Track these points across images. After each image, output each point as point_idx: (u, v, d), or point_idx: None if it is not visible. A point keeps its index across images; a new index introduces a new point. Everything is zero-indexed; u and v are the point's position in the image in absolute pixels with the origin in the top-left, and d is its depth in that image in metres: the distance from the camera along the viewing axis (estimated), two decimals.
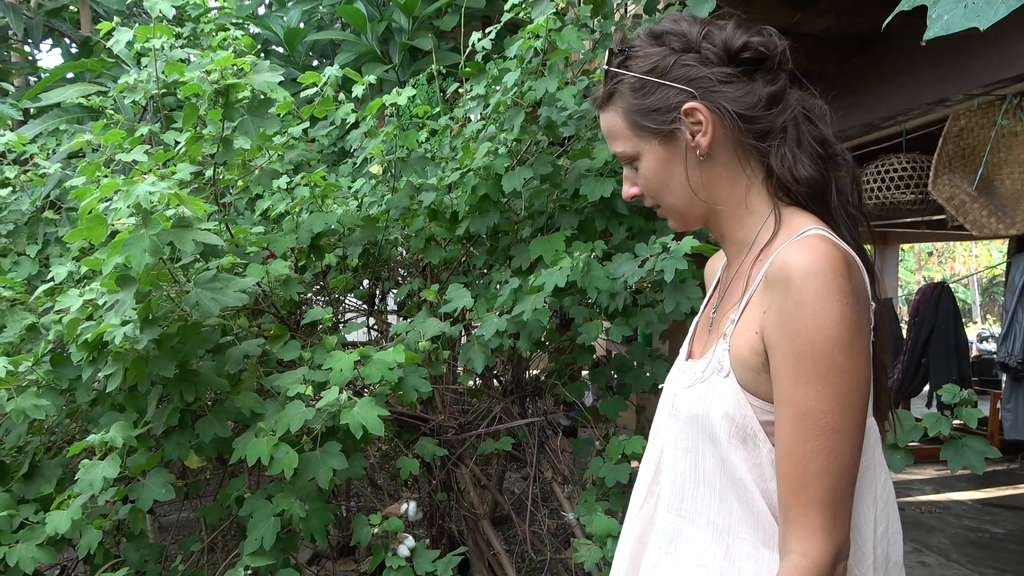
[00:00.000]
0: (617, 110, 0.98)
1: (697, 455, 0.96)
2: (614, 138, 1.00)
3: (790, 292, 0.84)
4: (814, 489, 0.83)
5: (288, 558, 1.90)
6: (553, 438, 2.66)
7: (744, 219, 0.98)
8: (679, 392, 1.00)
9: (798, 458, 0.84)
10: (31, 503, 1.91)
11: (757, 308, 0.90)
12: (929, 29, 0.95)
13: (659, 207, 1.03)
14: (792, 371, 0.84)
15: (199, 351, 1.87)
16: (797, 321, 0.83)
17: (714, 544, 0.93)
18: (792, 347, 0.84)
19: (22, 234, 2.88)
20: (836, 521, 0.84)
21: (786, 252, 0.87)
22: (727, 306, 1.00)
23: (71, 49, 6.38)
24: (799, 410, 0.84)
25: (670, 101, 0.94)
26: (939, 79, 2.48)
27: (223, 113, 1.99)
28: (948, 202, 2.79)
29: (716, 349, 0.95)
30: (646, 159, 0.98)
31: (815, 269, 0.83)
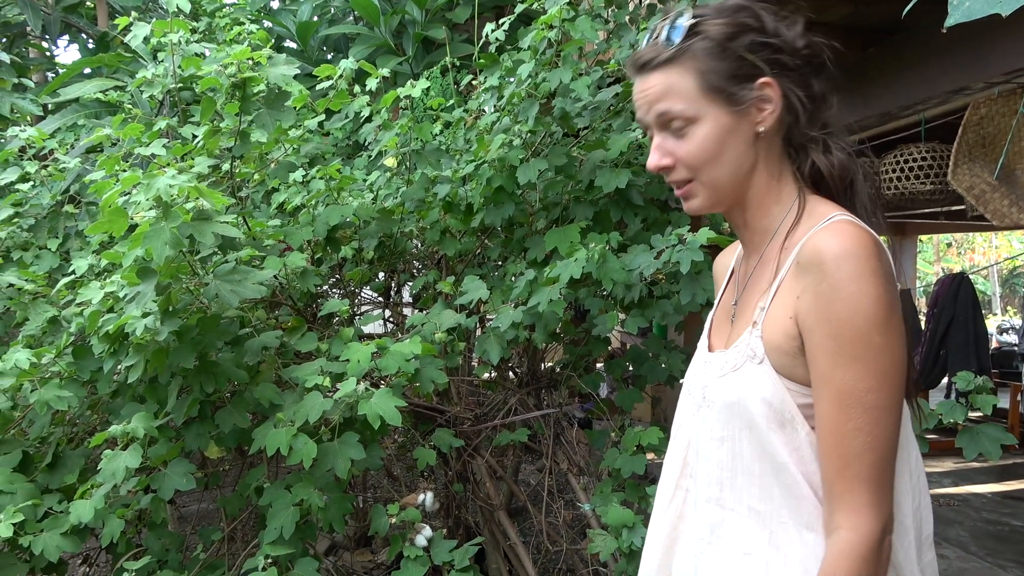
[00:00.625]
0: (687, 69, 0.94)
1: (734, 443, 0.96)
2: (672, 96, 0.95)
3: (825, 275, 0.86)
4: (858, 466, 0.85)
5: (307, 547, 1.92)
6: (569, 429, 2.66)
7: (771, 207, 1.00)
8: (711, 383, 1.00)
9: (841, 436, 0.86)
10: (55, 493, 1.94)
11: (789, 294, 0.92)
12: (950, 16, 0.94)
13: (688, 183, 0.98)
14: (831, 352, 0.86)
15: (218, 343, 1.89)
16: (833, 303, 0.86)
17: (757, 531, 0.94)
18: (830, 329, 0.86)
19: (43, 228, 2.91)
20: (881, 496, 0.86)
21: (817, 237, 0.89)
22: (752, 295, 1.00)
23: (88, 45, 6.43)
24: (840, 390, 0.86)
25: (746, 72, 0.95)
26: (959, 67, 2.45)
27: (240, 106, 2.01)
28: (968, 192, 2.76)
29: (747, 337, 0.96)
30: (706, 125, 0.95)
31: (849, 252, 0.85)
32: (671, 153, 0.97)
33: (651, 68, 0.96)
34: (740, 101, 0.95)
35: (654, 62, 0.96)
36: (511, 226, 2.50)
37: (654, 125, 0.98)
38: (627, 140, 2.17)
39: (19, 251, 2.86)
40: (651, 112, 0.97)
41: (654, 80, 0.96)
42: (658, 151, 0.98)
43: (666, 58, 0.95)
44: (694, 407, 1.05)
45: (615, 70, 2.40)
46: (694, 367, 1.10)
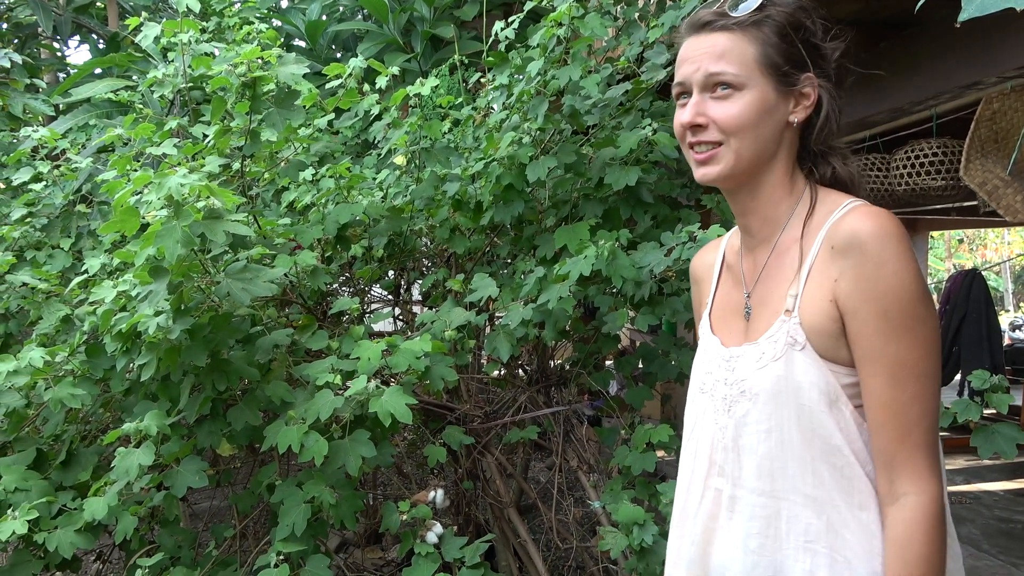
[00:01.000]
0: (752, 38, 0.97)
1: (783, 432, 0.97)
2: (729, 59, 0.96)
3: (867, 256, 0.91)
4: (917, 433, 0.90)
5: (318, 544, 1.92)
6: (578, 427, 2.66)
7: (783, 199, 1.03)
8: (749, 376, 1.00)
9: (898, 407, 0.90)
10: (69, 490, 1.96)
11: (824, 278, 0.95)
12: (964, 10, 0.93)
13: (716, 146, 0.99)
14: (882, 328, 0.90)
15: (230, 341, 1.90)
16: (879, 282, 0.90)
17: (815, 518, 0.95)
18: (879, 306, 0.90)
19: (56, 228, 2.94)
20: (937, 460, 0.91)
21: (850, 220, 0.93)
22: (774, 285, 1.02)
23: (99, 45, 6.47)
24: (893, 362, 0.90)
25: (798, 61, 0.99)
26: (971, 62, 2.43)
27: (250, 106, 2.01)
28: (980, 187, 2.74)
29: (782, 325, 0.97)
30: (751, 94, 0.96)
31: (886, 232, 0.90)
32: (705, 114, 0.98)
33: (715, 28, 0.98)
34: (789, 83, 0.98)
35: (718, 23, 0.98)
36: (520, 224, 2.50)
37: (698, 84, 0.98)
38: (637, 137, 2.17)
39: (32, 251, 2.88)
40: (701, 69, 0.97)
41: (716, 40, 0.97)
42: (695, 108, 0.98)
43: (735, 22, 0.97)
44: (720, 404, 1.04)
45: (625, 67, 2.40)
46: (707, 366, 1.09)
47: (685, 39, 1.01)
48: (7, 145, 3.77)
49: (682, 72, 1.00)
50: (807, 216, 1.00)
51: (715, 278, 1.17)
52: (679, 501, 1.12)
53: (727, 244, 1.19)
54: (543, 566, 2.44)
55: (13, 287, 2.55)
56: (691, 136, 1.00)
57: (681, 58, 1.01)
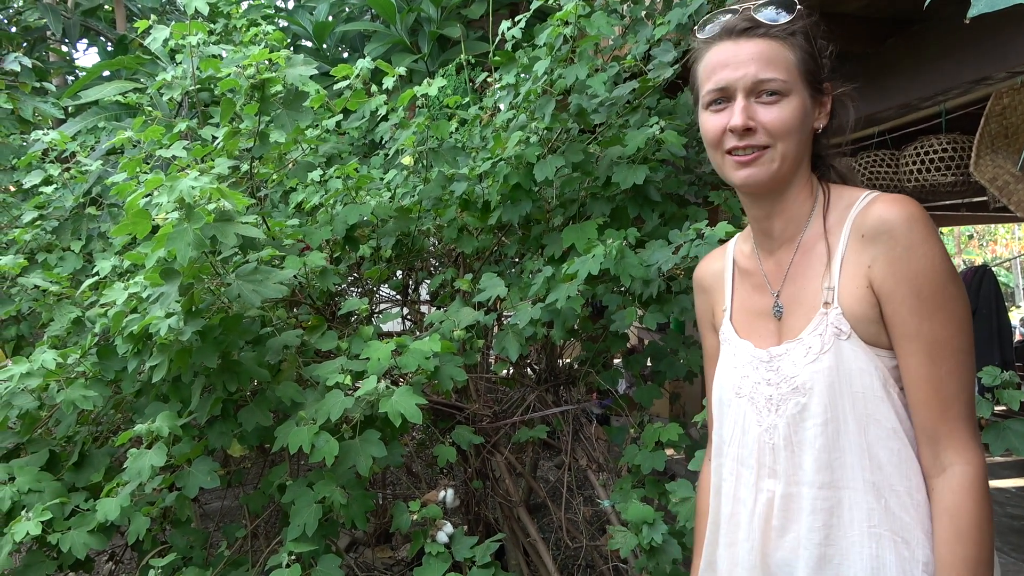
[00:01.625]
0: (793, 47, 1.00)
1: (839, 423, 0.99)
2: (776, 65, 0.99)
3: (897, 240, 0.94)
4: (957, 407, 0.94)
5: (330, 544, 1.93)
6: (587, 426, 2.66)
7: (807, 197, 1.06)
8: (800, 372, 1.01)
9: (938, 382, 0.94)
10: (81, 491, 1.97)
11: (858, 267, 0.98)
12: (973, 6, 0.93)
13: (763, 149, 1.01)
14: (916, 307, 0.94)
15: (240, 342, 1.90)
16: (911, 263, 0.94)
17: (876, 502, 0.97)
18: (912, 287, 0.94)
19: (66, 230, 2.95)
20: (977, 430, 0.95)
21: (876, 209, 0.97)
22: (804, 282, 1.05)
23: (107, 48, 6.50)
24: (930, 340, 0.94)
25: (823, 70, 1.03)
26: (980, 57, 2.42)
27: (259, 107, 2.02)
28: (991, 183, 2.73)
29: (823, 319, 1.00)
30: (795, 100, 1.00)
31: (913, 217, 0.94)
32: (754, 118, 1.00)
33: (755, 35, 1.00)
34: (820, 92, 1.03)
35: (759, 30, 1.00)
36: (528, 223, 2.50)
37: (744, 88, 0.99)
38: (644, 136, 2.17)
39: (44, 253, 2.90)
40: (749, 75, 0.99)
41: (760, 47, 0.99)
42: (744, 112, 0.99)
43: (776, 31, 1.00)
44: (764, 405, 1.06)
45: (631, 65, 2.40)
46: (741, 370, 1.11)
47: (716, 44, 1.03)
48: (18, 148, 3.80)
49: (722, 76, 1.01)
50: (827, 211, 1.03)
51: (728, 284, 1.19)
52: (725, 508, 1.13)
53: (735, 250, 1.21)
54: (553, 565, 2.44)
55: (25, 289, 2.57)
56: (736, 140, 1.01)
57: (717, 63, 1.02)
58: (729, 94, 1.01)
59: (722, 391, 1.15)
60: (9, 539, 1.69)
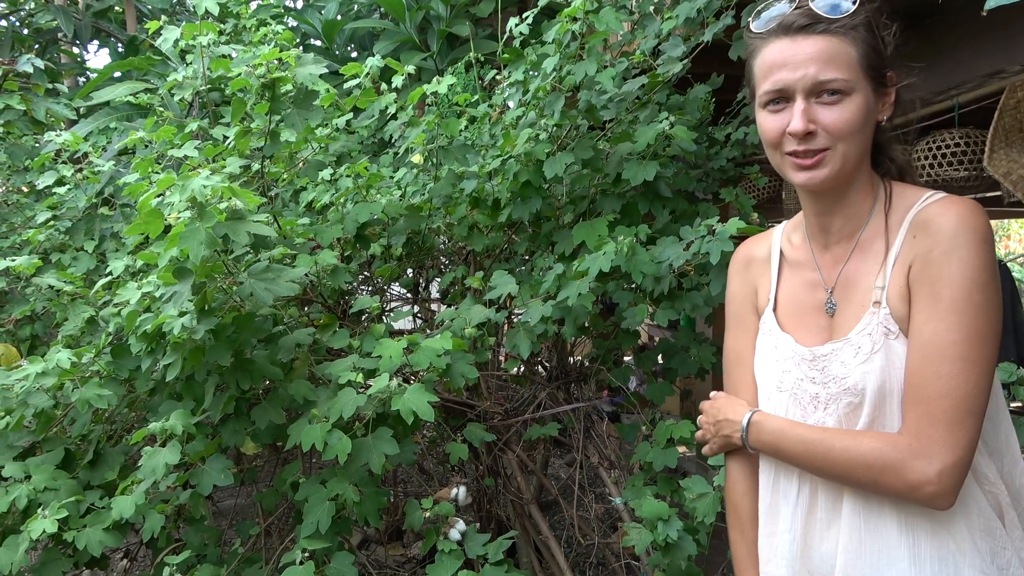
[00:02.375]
0: (854, 42, 0.96)
1: (891, 419, 0.98)
2: (837, 64, 0.95)
3: (939, 242, 0.92)
4: (932, 406, 0.91)
5: (343, 541, 1.94)
6: (599, 423, 2.66)
7: (868, 194, 1.04)
8: (851, 373, 1.00)
9: (920, 379, 0.92)
10: (96, 489, 1.98)
11: (904, 266, 0.97)
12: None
13: (824, 151, 0.98)
14: (927, 308, 0.92)
15: (253, 340, 1.91)
16: (943, 267, 0.92)
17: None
18: (933, 289, 0.92)
19: (79, 230, 2.98)
20: (953, 440, 0.90)
21: (933, 210, 0.95)
22: (857, 279, 1.03)
23: (118, 48, 6.54)
24: (927, 341, 0.92)
25: (887, 61, 1.00)
26: (994, 50, 2.40)
27: (270, 107, 2.03)
28: (1005, 177, 2.70)
29: (872, 318, 0.99)
30: (858, 99, 0.96)
31: (965, 223, 0.92)
32: (815, 120, 0.97)
33: (814, 31, 0.95)
34: (884, 84, 0.99)
35: (818, 26, 0.95)
36: (538, 220, 2.50)
37: (804, 89, 0.96)
38: (654, 131, 2.16)
39: (57, 253, 2.92)
40: (808, 76, 0.95)
41: (819, 44, 0.95)
42: (804, 116, 0.96)
43: (835, 27, 0.95)
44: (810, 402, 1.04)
45: (640, 61, 2.39)
46: (782, 364, 1.09)
47: (772, 40, 0.99)
48: (31, 149, 3.83)
49: (780, 77, 0.97)
50: (889, 209, 1.01)
51: (774, 272, 1.16)
52: (764, 499, 1.13)
53: (782, 239, 1.18)
54: (565, 562, 2.44)
55: (39, 289, 2.59)
56: (796, 144, 0.98)
57: (774, 61, 0.98)
58: (788, 95, 0.98)
59: (763, 383, 1.13)
60: (26, 537, 1.70)
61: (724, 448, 1.18)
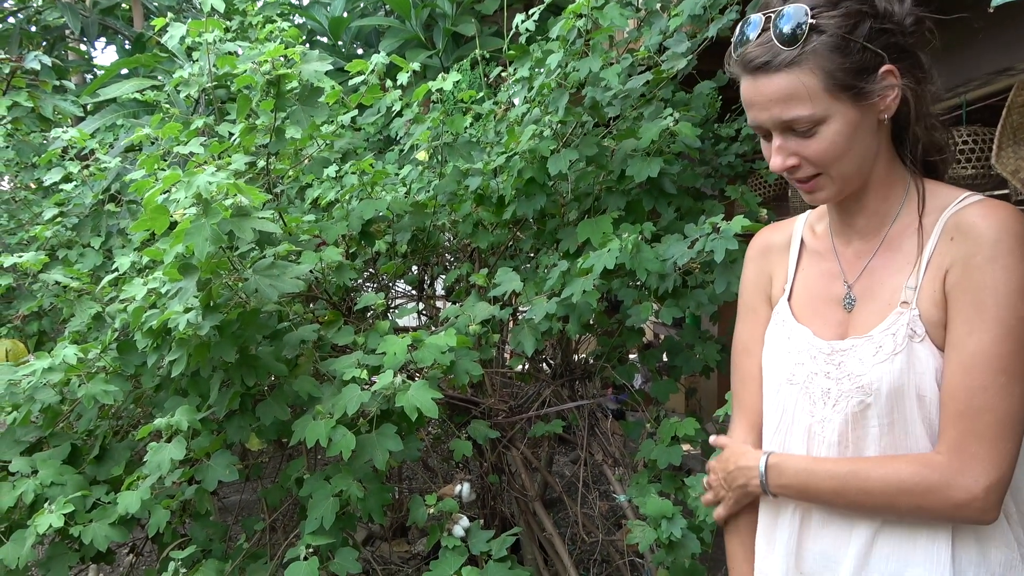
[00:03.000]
0: (811, 70, 0.91)
1: (906, 424, 0.95)
2: (798, 100, 0.92)
3: (981, 248, 0.90)
4: (974, 421, 0.88)
5: (347, 537, 1.95)
6: (603, 420, 2.66)
7: (890, 190, 1.01)
8: (867, 371, 0.97)
9: (962, 392, 0.89)
10: (102, 484, 1.99)
11: (939, 269, 0.94)
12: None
13: (815, 177, 0.97)
14: (970, 318, 0.89)
15: (258, 337, 1.92)
16: (986, 274, 0.89)
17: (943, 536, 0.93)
18: (976, 298, 0.89)
19: (86, 227, 2.99)
20: (992, 456, 0.88)
21: (972, 213, 0.92)
22: (884, 277, 1.00)
23: (125, 46, 6.56)
24: (971, 352, 0.89)
25: (869, 64, 0.93)
26: (1003, 47, 2.39)
27: (275, 103, 2.03)
28: (1013, 175, 2.68)
29: (898, 318, 0.96)
30: (836, 122, 0.93)
31: (1007, 228, 0.89)
32: (796, 153, 0.96)
33: (770, 70, 0.93)
34: (866, 95, 0.93)
35: (773, 64, 0.92)
36: (543, 217, 2.50)
37: (774, 127, 0.95)
38: (659, 128, 2.16)
39: (64, 249, 2.94)
40: (773, 116, 0.94)
41: (779, 82, 0.92)
42: (782, 153, 0.96)
43: (789, 60, 0.91)
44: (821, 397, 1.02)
45: (645, 57, 2.38)
46: (796, 357, 1.06)
47: (742, 78, 0.97)
48: (39, 146, 3.85)
49: (753, 116, 0.97)
50: (922, 208, 0.98)
51: (792, 261, 1.13)
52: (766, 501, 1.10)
53: (804, 227, 1.15)
54: (569, 559, 2.44)
55: (47, 285, 2.61)
56: (787, 174, 0.99)
57: (745, 100, 0.97)
58: (765, 132, 0.98)
59: (772, 375, 1.10)
60: (33, 531, 1.72)
61: (741, 502, 1.12)
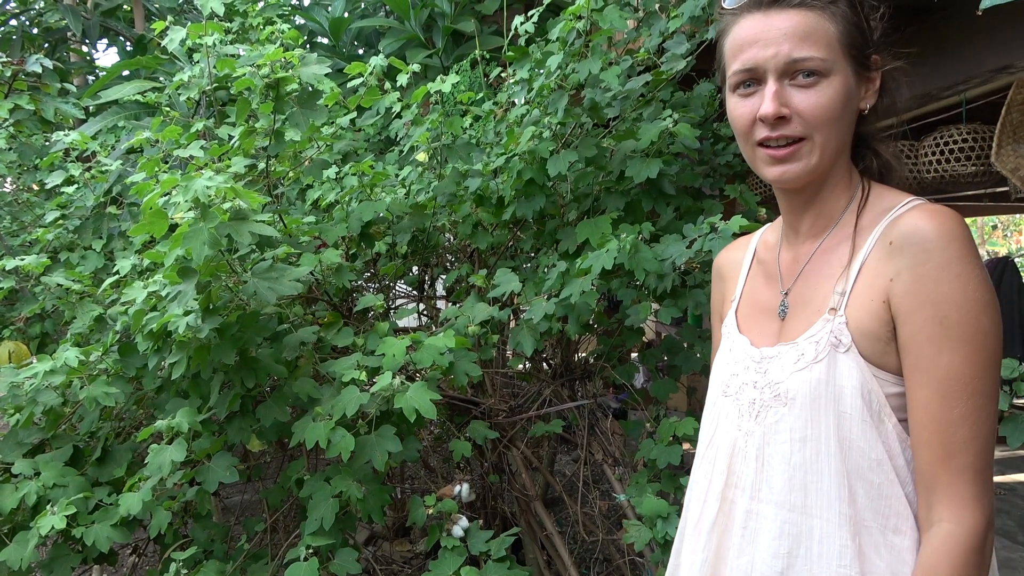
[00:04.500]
0: (835, 17, 0.86)
1: (819, 442, 0.88)
2: (814, 40, 0.85)
3: (930, 255, 0.82)
4: (963, 456, 0.81)
5: (347, 538, 1.95)
6: (603, 420, 2.67)
7: (843, 192, 0.95)
8: (786, 379, 0.91)
9: (946, 425, 0.82)
10: (104, 486, 2.01)
11: (878, 276, 0.87)
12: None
13: (799, 141, 0.89)
14: (937, 336, 0.82)
15: (258, 339, 1.93)
16: (941, 285, 0.82)
17: (850, 540, 0.87)
18: (936, 312, 0.82)
19: (88, 229, 3.00)
20: (986, 488, 0.82)
21: (912, 218, 0.85)
22: (818, 282, 0.94)
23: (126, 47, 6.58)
24: (946, 376, 0.82)
25: (868, 39, 0.89)
26: (1001, 45, 2.38)
27: (274, 106, 2.04)
28: (1013, 173, 2.69)
29: (825, 325, 0.90)
30: (837, 80, 0.86)
31: (952, 233, 0.82)
32: (789, 104, 0.87)
33: (791, 5, 0.86)
34: (867, 67, 0.89)
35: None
36: (542, 218, 2.50)
37: (776, 69, 0.86)
38: (658, 129, 2.16)
39: (66, 252, 2.95)
40: (781, 54, 0.85)
41: (794, 18, 0.85)
42: (777, 99, 0.86)
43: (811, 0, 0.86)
44: (747, 409, 0.97)
45: (645, 58, 2.39)
46: (732, 367, 1.02)
47: (743, 16, 0.89)
48: (40, 148, 3.86)
49: (750, 55, 0.88)
50: (860, 211, 0.92)
51: (743, 274, 1.10)
52: (694, 512, 1.04)
53: (760, 240, 1.11)
54: (569, 559, 2.45)
55: (48, 288, 2.62)
56: (767, 130, 0.88)
57: (745, 39, 0.88)
58: (759, 76, 0.88)
59: (711, 388, 1.06)
60: (35, 532, 1.73)
61: None
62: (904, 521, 0.86)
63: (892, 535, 0.86)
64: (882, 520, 0.86)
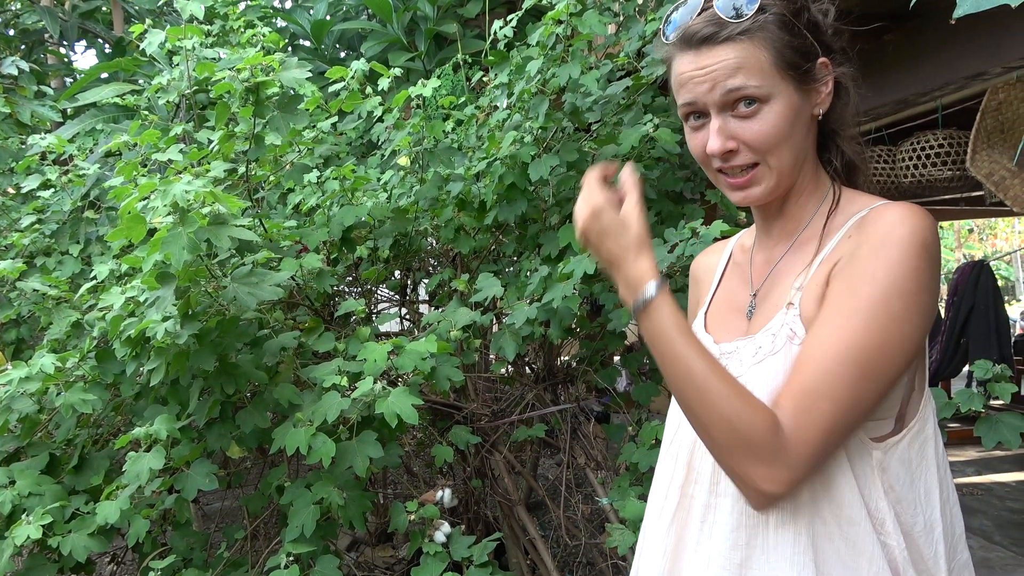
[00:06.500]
0: (761, 43, 0.87)
1: None
2: (747, 71, 0.86)
3: (869, 239, 0.84)
4: (813, 403, 0.80)
5: (328, 544, 1.94)
6: (586, 424, 2.67)
7: (811, 196, 0.97)
8: (744, 372, 0.91)
9: (813, 368, 0.81)
10: (81, 494, 1.98)
11: (828, 264, 0.88)
12: (959, 6, 0.94)
13: (752, 167, 0.91)
14: (841, 301, 0.82)
15: (237, 344, 1.91)
16: (868, 262, 0.82)
17: (804, 528, 0.86)
18: (851, 283, 0.82)
19: (64, 234, 2.96)
20: (814, 449, 0.80)
21: (875, 212, 0.87)
22: (783, 281, 0.96)
23: (105, 49, 6.51)
24: (834, 335, 0.81)
25: (810, 49, 0.90)
26: (976, 52, 2.42)
27: (254, 110, 2.03)
28: (987, 178, 2.73)
29: (781, 318, 0.91)
30: (778, 103, 0.88)
31: (907, 228, 0.82)
32: (735, 136, 0.89)
33: (717, 42, 0.87)
34: (810, 80, 0.90)
35: (721, 35, 0.87)
36: (524, 222, 2.51)
37: (716, 104, 0.88)
38: (638, 134, 2.17)
39: (42, 257, 2.91)
40: (717, 89, 0.87)
41: (723, 54, 0.87)
42: (721, 134, 0.89)
43: (738, 31, 0.87)
44: None
45: (625, 63, 2.40)
46: None
47: (681, 52, 0.91)
48: (16, 151, 3.81)
49: (691, 92, 0.90)
50: (831, 213, 0.94)
51: (716, 278, 1.11)
52: (655, 508, 1.04)
53: (736, 244, 1.13)
54: (552, 563, 2.45)
55: (24, 293, 2.58)
56: (720, 162, 0.91)
57: (683, 75, 0.90)
58: (701, 110, 0.90)
59: None
60: (10, 543, 1.70)
61: None
62: (858, 511, 0.85)
63: (846, 525, 0.86)
64: (835, 509, 0.86)
